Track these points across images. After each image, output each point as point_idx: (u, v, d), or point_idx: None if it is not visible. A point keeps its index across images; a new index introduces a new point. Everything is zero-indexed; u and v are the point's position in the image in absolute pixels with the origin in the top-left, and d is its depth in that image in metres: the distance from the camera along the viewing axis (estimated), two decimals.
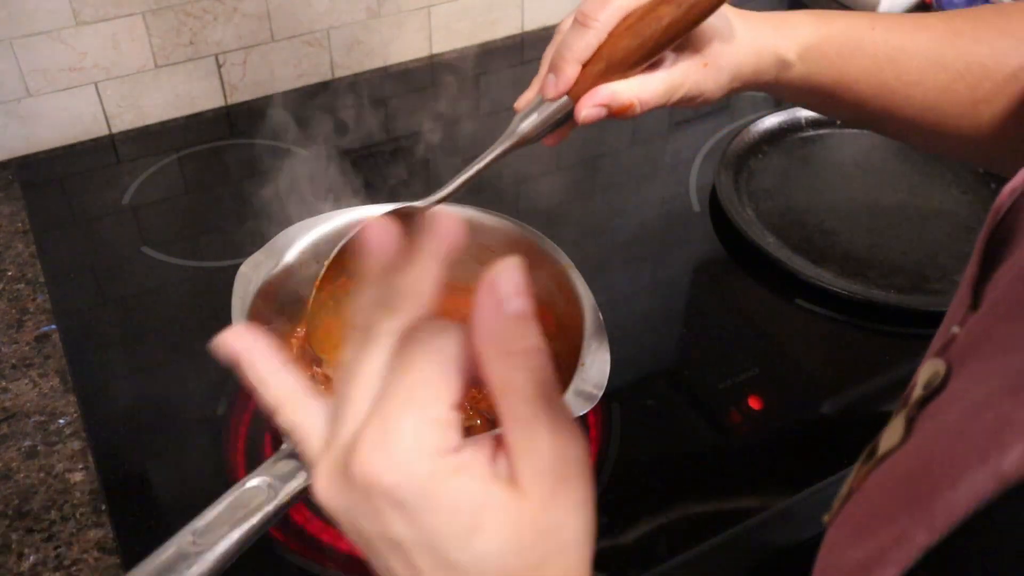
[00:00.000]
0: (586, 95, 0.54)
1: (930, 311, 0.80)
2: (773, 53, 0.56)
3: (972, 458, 0.25)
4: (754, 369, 0.76)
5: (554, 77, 0.54)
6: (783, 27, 0.56)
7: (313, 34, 1.06)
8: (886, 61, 0.56)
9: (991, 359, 0.28)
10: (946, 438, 0.28)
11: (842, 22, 0.57)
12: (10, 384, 0.73)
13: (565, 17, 0.57)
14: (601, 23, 0.52)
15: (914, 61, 0.56)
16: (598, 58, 0.53)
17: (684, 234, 0.91)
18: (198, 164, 0.99)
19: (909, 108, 0.57)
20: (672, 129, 1.06)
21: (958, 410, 0.28)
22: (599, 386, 0.57)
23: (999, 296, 0.31)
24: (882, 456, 0.32)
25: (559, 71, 0.54)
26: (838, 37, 0.56)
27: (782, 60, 0.56)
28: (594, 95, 0.54)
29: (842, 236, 0.89)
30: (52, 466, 0.67)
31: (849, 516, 0.32)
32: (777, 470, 0.69)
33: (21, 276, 0.84)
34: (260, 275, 0.65)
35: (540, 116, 0.56)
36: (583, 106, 0.54)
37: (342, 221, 0.70)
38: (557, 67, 0.54)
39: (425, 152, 1.02)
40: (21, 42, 0.91)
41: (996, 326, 0.30)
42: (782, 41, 0.56)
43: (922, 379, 0.32)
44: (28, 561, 0.61)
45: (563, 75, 0.54)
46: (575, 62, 0.53)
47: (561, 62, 0.54)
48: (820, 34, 0.56)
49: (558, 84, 0.54)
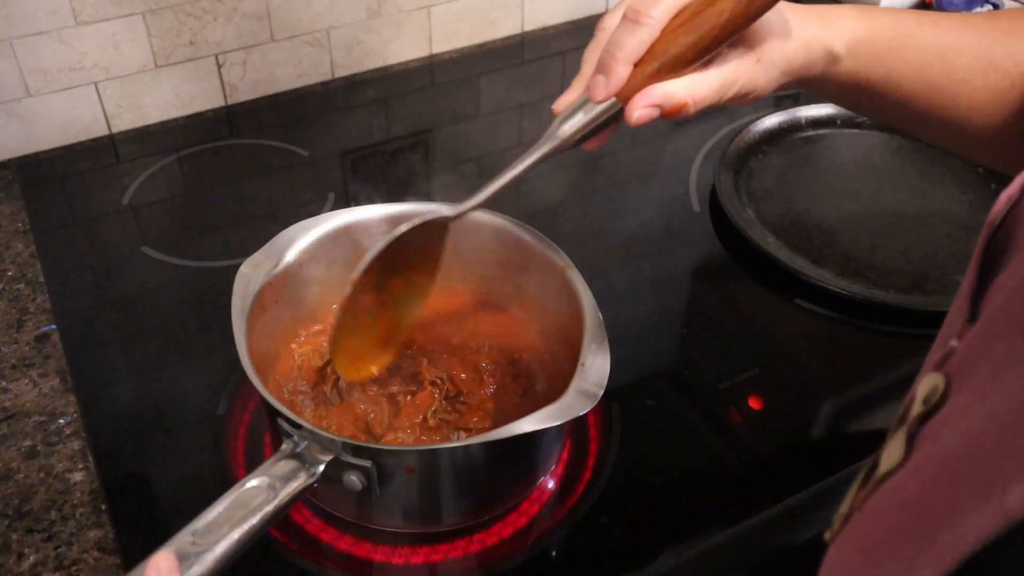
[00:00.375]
0: (638, 95, 0.51)
1: (930, 311, 0.80)
2: (823, 46, 0.54)
3: (976, 491, 0.24)
4: (754, 369, 0.76)
5: (604, 78, 0.51)
6: (831, 22, 0.55)
7: (313, 34, 1.06)
8: (936, 57, 0.54)
9: (991, 378, 0.28)
10: (948, 466, 0.27)
11: (889, 17, 0.56)
12: (10, 384, 0.73)
13: (608, 13, 0.54)
14: (655, 19, 0.50)
15: (963, 59, 0.54)
16: (650, 57, 0.50)
17: (684, 234, 0.91)
18: (198, 164, 0.99)
19: (956, 109, 0.55)
20: (672, 129, 1.06)
21: (959, 433, 0.28)
22: (599, 386, 0.57)
23: (997, 309, 0.31)
24: (883, 476, 0.31)
25: (609, 71, 0.51)
26: (886, 31, 0.55)
27: (831, 54, 0.54)
28: (647, 95, 0.51)
29: (842, 236, 0.89)
30: (52, 466, 0.67)
31: (851, 538, 0.32)
32: (777, 470, 0.69)
33: (21, 276, 0.84)
34: (260, 275, 0.65)
35: (585, 118, 0.53)
36: (635, 107, 0.51)
37: (342, 221, 0.70)
38: (607, 67, 0.51)
39: (425, 152, 1.02)
40: (21, 42, 0.91)
41: (995, 342, 0.29)
42: (831, 36, 0.54)
43: (921, 394, 0.31)
44: (28, 561, 0.61)
45: (614, 76, 0.51)
46: (626, 62, 0.50)
47: (612, 62, 0.51)
48: (868, 28, 0.55)
49: (608, 85, 0.51)
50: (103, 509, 0.64)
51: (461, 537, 0.63)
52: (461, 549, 0.62)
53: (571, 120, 0.54)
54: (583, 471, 0.67)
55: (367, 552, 0.62)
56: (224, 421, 0.70)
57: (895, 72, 0.55)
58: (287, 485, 0.53)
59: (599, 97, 0.52)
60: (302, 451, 0.54)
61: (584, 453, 0.68)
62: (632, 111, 0.51)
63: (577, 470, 0.67)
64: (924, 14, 0.57)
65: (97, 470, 0.67)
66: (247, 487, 0.52)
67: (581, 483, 0.66)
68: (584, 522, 0.64)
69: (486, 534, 0.63)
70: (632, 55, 0.50)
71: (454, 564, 0.62)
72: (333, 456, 0.54)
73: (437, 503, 0.61)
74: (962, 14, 0.57)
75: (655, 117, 0.52)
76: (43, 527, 0.63)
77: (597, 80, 0.52)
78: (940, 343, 0.34)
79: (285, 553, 0.62)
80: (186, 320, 0.80)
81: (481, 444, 0.56)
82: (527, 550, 0.62)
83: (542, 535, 0.63)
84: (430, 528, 0.63)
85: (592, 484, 0.66)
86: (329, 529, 0.63)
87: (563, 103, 0.55)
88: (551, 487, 0.66)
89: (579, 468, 0.67)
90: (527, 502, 0.65)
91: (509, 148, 1.03)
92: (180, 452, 0.69)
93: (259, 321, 0.64)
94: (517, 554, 0.62)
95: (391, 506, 0.60)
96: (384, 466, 0.55)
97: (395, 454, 0.57)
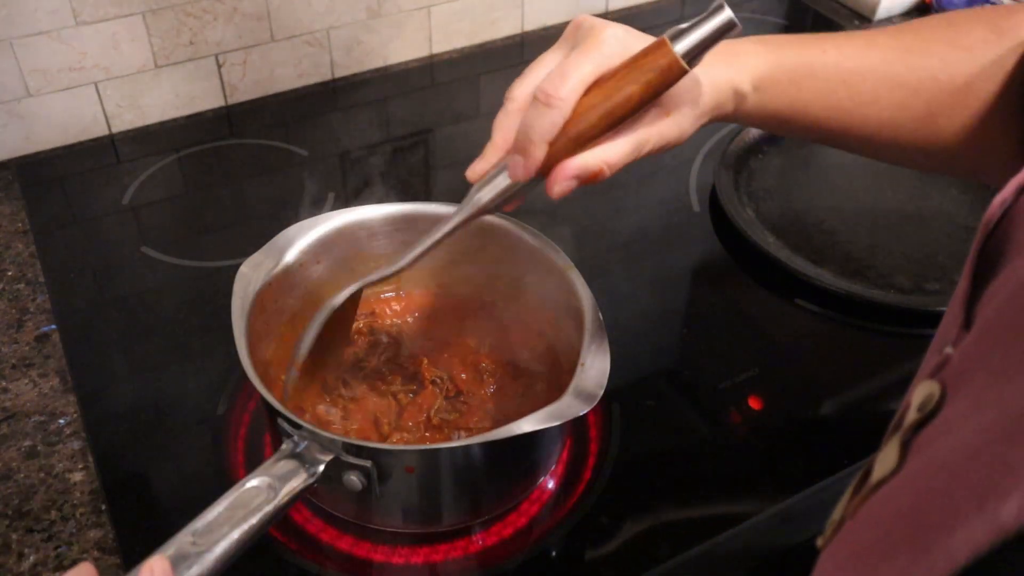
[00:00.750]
0: (556, 171, 0.53)
1: (930, 311, 0.80)
2: (730, 86, 0.56)
3: (970, 503, 0.24)
4: (754, 369, 0.76)
5: (521, 159, 0.53)
6: (736, 60, 0.56)
7: (313, 34, 1.06)
8: (839, 83, 0.56)
9: (986, 388, 0.28)
10: (943, 476, 0.27)
11: (792, 49, 0.57)
12: (10, 384, 0.73)
13: (516, 82, 0.56)
14: (564, 101, 0.51)
15: (867, 82, 0.56)
16: (563, 134, 0.52)
17: (684, 234, 0.91)
18: (198, 164, 0.99)
19: (866, 127, 0.57)
20: None
21: (954, 443, 0.28)
22: (599, 386, 0.57)
23: (992, 316, 0.31)
24: (876, 484, 0.31)
25: (527, 154, 0.52)
26: (788, 64, 0.57)
27: (738, 92, 0.56)
28: (564, 169, 0.53)
29: (842, 236, 0.89)
30: (52, 466, 0.67)
31: (843, 545, 0.32)
32: (777, 470, 0.69)
33: (21, 276, 0.84)
34: (260, 275, 0.65)
35: (500, 187, 0.55)
36: (554, 181, 0.53)
37: (342, 221, 0.70)
38: (524, 150, 0.52)
39: (425, 152, 1.02)
40: (21, 42, 0.91)
41: (990, 351, 0.29)
42: (736, 74, 0.56)
43: (916, 401, 0.31)
44: (28, 561, 0.61)
45: (531, 158, 0.52)
46: (542, 143, 0.52)
47: (528, 144, 0.52)
48: (771, 62, 0.57)
49: (527, 166, 0.53)
50: (103, 509, 0.64)
51: (461, 537, 0.63)
52: (461, 549, 0.62)
53: (487, 187, 0.56)
54: (583, 471, 0.67)
55: (367, 552, 0.62)
56: (224, 421, 0.70)
57: (799, 102, 0.57)
58: (287, 485, 0.53)
59: (519, 177, 0.54)
60: (302, 451, 0.54)
61: (584, 453, 0.68)
62: (551, 185, 0.53)
63: (577, 470, 0.67)
64: (828, 40, 0.58)
65: (97, 470, 0.67)
66: (247, 487, 0.52)
67: (581, 483, 0.66)
68: (584, 522, 0.64)
69: (486, 534, 0.63)
70: (546, 136, 0.52)
71: (454, 564, 0.62)
72: (333, 456, 0.54)
73: (437, 503, 0.61)
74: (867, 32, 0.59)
75: (574, 187, 0.54)
76: (43, 527, 0.63)
77: (516, 161, 0.53)
78: (935, 349, 0.34)
79: (285, 553, 0.62)
80: (186, 320, 0.80)
81: (481, 444, 0.56)
82: (527, 550, 0.62)
83: (542, 535, 0.63)
84: (430, 528, 0.63)
85: (592, 484, 0.66)
86: (329, 529, 0.63)
87: (477, 171, 0.57)
88: (551, 487, 0.66)
89: (579, 468, 0.67)
90: (527, 502, 0.65)
91: None
92: (180, 452, 0.69)
93: (259, 321, 0.64)
94: (517, 554, 0.62)
95: (391, 506, 0.60)
96: (384, 466, 0.55)
97: (395, 454, 0.57)
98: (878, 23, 1.24)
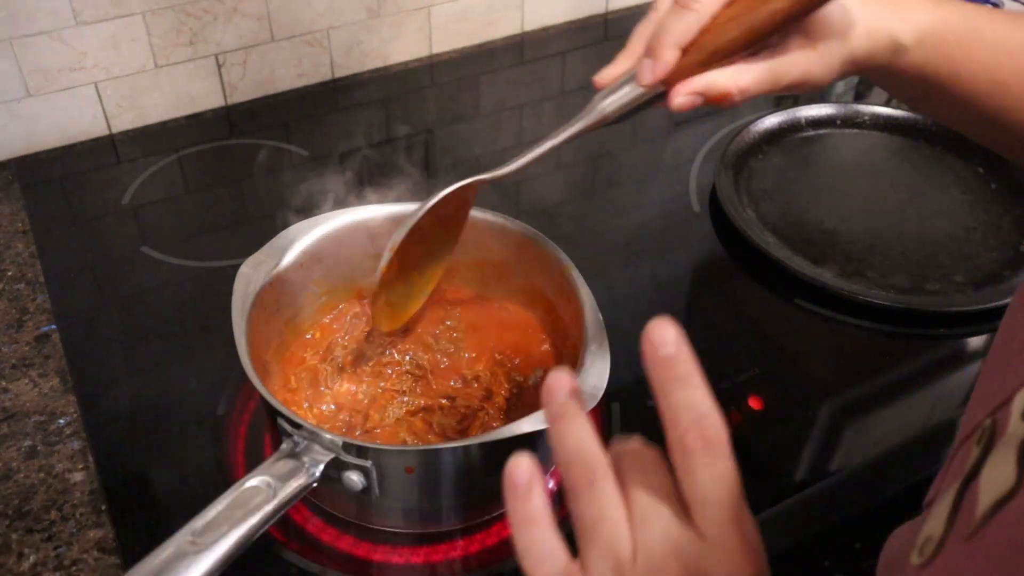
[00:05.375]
0: (682, 83, 0.50)
1: (930, 311, 0.80)
2: (888, 35, 0.52)
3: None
4: (754, 369, 0.76)
5: (651, 62, 0.50)
6: (900, 8, 0.53)
7: (313, 34, 1.06)
8: (1006, 56, 0.53)
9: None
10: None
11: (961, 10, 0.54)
12: (10, 384, 0.73)
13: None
14: (704, 5, 0.49)
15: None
16: (698, 45, 0.49)
17: (684, 234, 0.91)
18: (198, 164, 0.99)
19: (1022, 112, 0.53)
20: (672, 129, 1.06)
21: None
22: (599, 386, 0.57)
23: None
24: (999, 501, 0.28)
25: (656, 56, 0.50)
26: (957, 24, 0.53)
27: (897, 44, 0.53)
28: (691, 82, 0.50)
29: (842, 236, 0.89)
30: (52, 466, 0.67)
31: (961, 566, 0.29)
32: (777, 470, 0.69)
33: (21, 276, 0.84)
34: (260, 275, 0.65)
35: (627, 97, 0.52)
36: (678, 93, 0.50)
37: (342, 221, 0.70)
38: (654, 51, 0.50)
39: (425, 152, 1.02)
40: (21, 42, 0.91)
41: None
42: (898, 24, 0.52)
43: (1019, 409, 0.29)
44: (28, 561, 0.61)
45: (661, 60, 0.50)
46: (674, 46, 0.49)
47: (659, 47, 0.50)
48: (939, 19, 0.53)
49: (655, 70, 0.50)
50: (103, 509, 0.64)
51: (461, 537, 0.63)
52: (461, 549, 0.62)
53: (612, 96, 0.53)
54: None
55: (367, 552, 0.62)
56: (224, 421, 0.70)
57: (963, 67, 0.53)
58: (287, 485, 0.53)
59: (645, 81, 0.51)
60: (302, 451, 0.54)
61: None
62: (675, 97, 0.51)
63: None
64: (997, 11, 0.55)
65: (97, 470, 0.67)
66: (247, 487, 0.52)
67: None
68: None
69: (486, 534, 0.63)
70: (680, 40, 0.50)
71: (454, 564, 0.62)
72: (333, 456, 0.54)
73: (437, 503, 0.61)
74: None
75: (698, 104, 0.51)
76: (43, 527, 0.63)
77: (644, 64, 0.51)
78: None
79: (285, 553, 0.62)
80: (186, 320, 0.80)
81: (481, 444, 0.56)
82: None
83: None
84: (430, 528, 0.63)
85: None
86: (329, 529, 0.63)
87: (606, 77, 0.54)
88: (551, 487, 0.66)
89: None
90: None
91: (509, 148, 1.03)
92: (180, 452, 0.69)
93: (259, 321, 0.64)
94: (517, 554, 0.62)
95: (391, 506, 0.60)
96: (384, 466, 0.55)
97: (395, 454, 0.57)
98: None
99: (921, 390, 0.75)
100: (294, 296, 0.69)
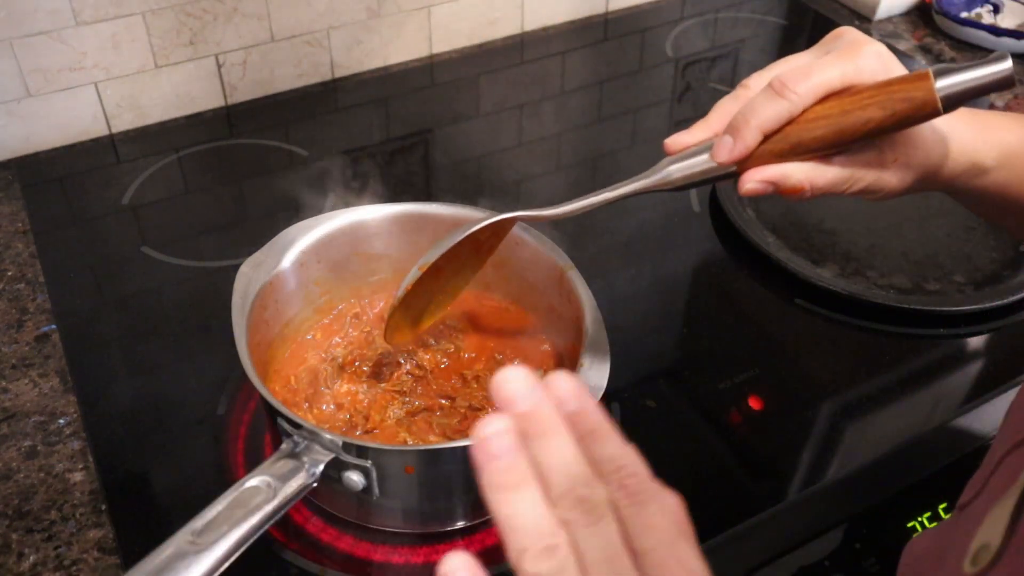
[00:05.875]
0: (756, 168, 0.49)
1: (930, 311, 0.80)
2: (970, 158, 0.51)
3: None
4: (754, 369, 0.76)
5: (731, 140, 0.49)
6: (986, 130, 0.51)
7: (313, 34, 1.06)
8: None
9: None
10: None
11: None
12: (10, 384, 0.73)
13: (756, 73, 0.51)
14: (799, 96, 0.47)
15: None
16: (782, 135, 0.48)
17: (684, 234, 0.91)
18: (198, 164, 0.99)
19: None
20: (673, 129, 1.06)
21: None
22: (599, 386, 0.57)
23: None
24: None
25: (738, 136, 0.48)
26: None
27: (980, 167, 0.51)
28: (764, 170, 0.49)
29: (842, 236, 0.89)
30: (52, 466, 0.67)
31: None
32: (777, 470, 0.69)
33: (21, 276, 0.84)
34: (260, 275, 0.65)
35: (696, 168, 0.51)
36: (751, 179, 0.49)
37: (342, 221, 0.70)
38: (738, 131, 0.48)
39: (425, 152, 1.02)
40: (21, 42, 0.91)
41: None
42: (983, 146, 0.51)
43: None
44: (28, 561, 0.61)
45: (742, 142, 0.48)
46: (758, 130, 0.48)
47: (743, 127, 0.48)
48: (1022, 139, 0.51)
49: (734, 150, 0.49)
50: (103, 509, 0.64)
51: (461, 537, 0.63)
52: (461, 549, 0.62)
53: (682, 163, 0.52)
54: None
55: (367, 552, 0.62)
56: (224, 421, 0.70)
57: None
58: (287, 485, 0.53)
59: (721, 158, 0.50)
60: (302, 451, 0.54)
61: None
62: (746, 182, 0.49)
63: None
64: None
65: (97, 470, 0.67)
66: (247, 487, 0.52)
67: None
68: None
69: (486, 534, 0.63)
70: (766, 125, 0.48)
71: None
72: (333, 456, 0.54)
73: (437, 503, 0.61)
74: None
75: (768, 193, 0.49)
76: (43, 527, 0.63)
77: (724, 140, 0.49)
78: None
79: (285, 553, 0.62)
80: (186, 320, 0.80)
81: None
82: None
83: None
84: (430, 528, 0.63)
85: None
86: (329, 529, 0.63)
87: (679, 143, 0.52)
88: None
89: None
90: None
91: (509, 148, 1.03)
92: (180, 452, 0.69)
93: (259, 321, 0.64)
94: None
95: (391, 506, 0.60)
96: (384, 466, 0.55)
97: (395, 454, 0.57)
98: (878, 23, 1.24)
99: (921, 390, 0.75)
100: (294, 296, 0.69)
